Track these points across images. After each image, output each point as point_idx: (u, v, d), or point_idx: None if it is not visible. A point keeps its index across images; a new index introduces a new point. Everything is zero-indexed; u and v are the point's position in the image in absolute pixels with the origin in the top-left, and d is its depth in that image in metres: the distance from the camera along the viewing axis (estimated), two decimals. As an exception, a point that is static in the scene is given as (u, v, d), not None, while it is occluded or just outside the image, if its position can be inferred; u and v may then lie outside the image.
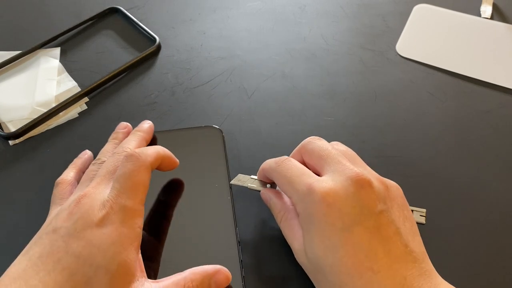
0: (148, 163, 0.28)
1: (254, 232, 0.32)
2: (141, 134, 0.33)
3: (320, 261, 0.25)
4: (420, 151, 0.38)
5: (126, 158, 0.27)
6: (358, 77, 0.44)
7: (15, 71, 0.44)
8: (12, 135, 0.38)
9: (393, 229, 0.25)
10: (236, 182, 0.33)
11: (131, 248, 0.25)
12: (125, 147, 0.30)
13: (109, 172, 0.28)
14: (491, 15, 0.50)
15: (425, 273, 0.24)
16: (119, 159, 0.29)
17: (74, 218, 0.25)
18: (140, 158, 0.27)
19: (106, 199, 0.26)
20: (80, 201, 0.26)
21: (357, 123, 0.40)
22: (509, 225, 0.33)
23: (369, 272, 0.24)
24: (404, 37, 0.48)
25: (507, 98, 0.42)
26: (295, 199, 0.27)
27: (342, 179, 0.26)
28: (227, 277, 0.26)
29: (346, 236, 0.25)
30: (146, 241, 0.29)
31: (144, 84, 0.43)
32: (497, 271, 0.31)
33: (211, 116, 0.40)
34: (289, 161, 0.29)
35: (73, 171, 0.32)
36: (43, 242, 0.25)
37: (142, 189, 0.27)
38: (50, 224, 0.26)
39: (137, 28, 0.49)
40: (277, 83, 0.43)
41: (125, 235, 0.25)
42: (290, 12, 0.51)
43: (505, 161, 0.37)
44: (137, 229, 0.25)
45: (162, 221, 0.31)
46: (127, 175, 0.26)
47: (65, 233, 0.24)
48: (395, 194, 0.28)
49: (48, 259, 0.24)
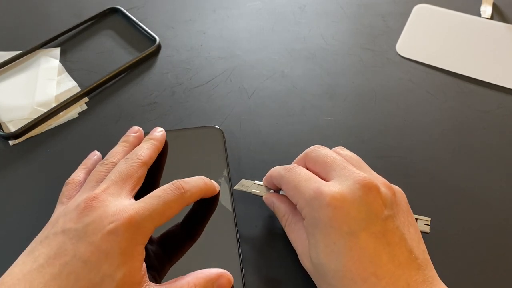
0: (189, 200, 0.28)
1: (254, 232, 0.32)
2: (155, 143, 0.33)
3: (324, 265, 0.25)
4: (419, 151, 0.38)
5: (174, 186, 0.27)
6: (358, 77, 0.44)
7: (15, 71, 0.44)
8: (12, 135, 0.38)
9: (399, 235, 0.25)
10: (239, 187, 0.33)
11: (138, 258, 0.25)
12: (138, 154, 0.30)
13: (122, 179, 0.28)
14: (491, 15, 0.50)
15: (428, 279, 0.24)
16: (133, 167, 0.29)
17: (85, 222, 0.25)
18: (184, 195, 0.27)
19: (122, 208, 0.25)
20: (92, 204, 0.25)
21: (357, 123, 0.40)
22: (509, 225, 0.33)
23: (372, 278, 0.24)
24: (404, 37, 0.48)
25: (507, 98, 0.42)
26: (302, 203, 0.27)
27: (350, 183, 0.26)
28: (229, 281, 0.26)
29: (351, 241, 0.24)
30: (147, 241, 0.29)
31: (144, 84, 0.43)
32: (498, 272, 0.31)
33: (211, 116, 0.40)
34: (298, 168, 0.29)
35: (83, 171, 0.32)
36: (50, 243, 0.24)
37: (166, 220, 0.27)
38: (57, 223, 0.25)
39: (137, 28, 0.49)
40: (277, 83, 0.43)
41: (134, 246, 0.24)
42: (290, 12, 0.51)
43: (505, 161, 0.37)
44: (146, 241, 0.25)
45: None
46: (164, 201, 0.26)
47: (74, 236, 0.24)
48: (400, 199, 0.28)
49: (55, 261, 0.23)
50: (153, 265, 0.28)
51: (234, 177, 0.35)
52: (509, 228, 0.33)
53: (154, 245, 0.29)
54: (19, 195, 0.35)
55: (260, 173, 0.34)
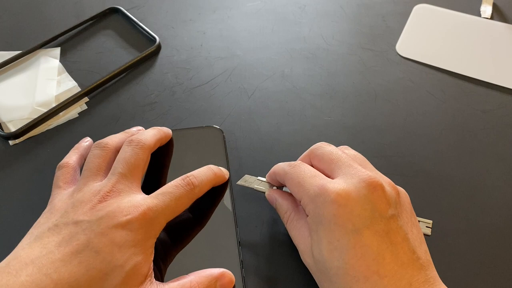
0: (199, 194, 0.29)
1: (254, 232, 0.32)
2: (158, 131, 0.33)
3: (326, 263, 0.25)
4: (419, 151, 0.38)
5: (184, 181, 0.28)
6: (358, 77, 0.44)
7: (15, 71, 0.44)
8: (12, 135, 0.38)
9: (402, 234, 0.25)
10: (242, 182, 0.33)
11: (150, 251, 0.26)
12: (141, 139, 0.30)
13: (130, 171, 0.28)
14: (491, 15, 0.50)
15: (430, 280, 0.24)
16: (138, 153, 0.29)
17: (99, 215, 0.25)
18: (194, 190, 0.28)
19: (135, 203, 0.26)
20: (105, 200, 0.26)
21: (357, 123, 0.40)
22: (509, 226, 0.33)
23: (375, 276, 0.24)
24: (404, 37, 0.48)
25: (507, 98, 0.42)
26: (306, 200, 0.27)
27: (355, 181, 0.26)
28: (231, 280, 0.27)
29: (355, 238, 0.25)
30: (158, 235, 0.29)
31: (144, 84, 0.43)
32: (498, 272, 0.31)
33: (211, 116, 0.40)
34: (302, 165, 0.29)
35: (76, 155, 0.32)
36: (61, 231, 0.25)
37: (177, 214, 0.28)
38: (67, 213, 0.26)
39: (137, 28, 0.49)
40: (277, 83, 0.43)
41: (147, 239, 0.25)
42: (290, 12, 0.51)
43: (504, 161, 0.37)
44: (157, 234, 0.26)
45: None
46: (176, 197, 0.27)
47: (87, 227, 0.25)
48: (404, 200, 0.28)
49: (66, 249, 0.24)
50: (154, 263, 0.28)
51: (234, 177, 0.35)
52: (509, 228, 0.33)
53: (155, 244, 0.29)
54: (19, 195, 0.35)
55: (260, 173, 0.34)
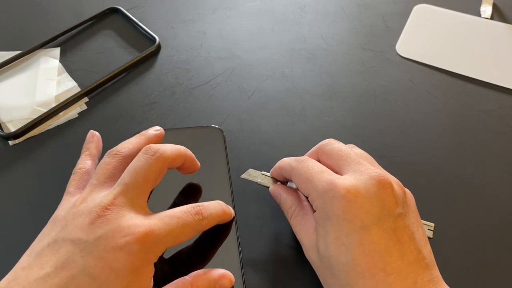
0: (205, 228, 0.27)
1: (254, 233, 0.32)
2: (182, 149, 0.30)
3: (332, 258, 0.25)
4: (419, 151, 0.38)
5: (194, 210, 0.26)
6: (358, 77, 0.44)
7: (15, 71, 0.44)
8: (12, 135, 0.38)
9: (409, 233, 0.25)
10: (246, 176, 0.33)
11: (148, 276, 0.24)
12: (158, 148, 0.27)
13: (138, 183, 0.26)
14: (491, 15, 0.50)
15: (434, 279, 0.25)
16: (150, 164, 0.26)
17: (97, 234, 0.23)
18: (202, 222, 0.27)
19: (137, 223, 0.24)
20: (105, 215, 0.24)
21: (357, 123, 0.40)
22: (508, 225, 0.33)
23: (381, 273, 0.24)
24: (404, 37, 0.48)
25: (507, 98, 0.42)
26: (314, 195, 0.27)
27: (365, 178, 0.26)
28: (231, 281, 0.26)
29: (363, 235, 0.25)
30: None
31: (144, 84, 0.43)
32: (499, 273, 0.31)
33: (211, 116, 0.40)
34: (310, 160, 0.29)
35: (90, 159, 0.31)
36: (59, 249, 0.24)
37: (178, 243, 0.26)
38: (66, 227, 0.25)
39: (137, 28, 0.49)
40: (277, 83, 0.43)
41: (146, 265, 0.24)
42: (290, 12, 0.51)
43: (504, 161, 0.37)
44: (156, 259, 0.25)
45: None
46: (182, 223, 0.25)
47: (84, 248, 0.23)
48: (410, 200, 0.28)
49: (62, 272, 0.23)
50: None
51: (234, 177, 0.35)
52: (509, 228, 0.33)
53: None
54: (19, 195, 0.35)
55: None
